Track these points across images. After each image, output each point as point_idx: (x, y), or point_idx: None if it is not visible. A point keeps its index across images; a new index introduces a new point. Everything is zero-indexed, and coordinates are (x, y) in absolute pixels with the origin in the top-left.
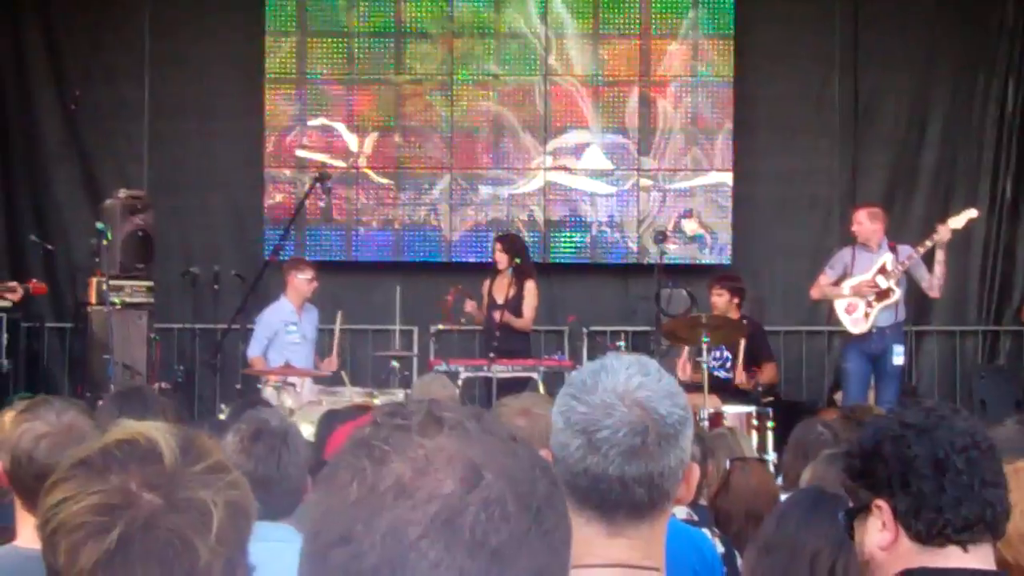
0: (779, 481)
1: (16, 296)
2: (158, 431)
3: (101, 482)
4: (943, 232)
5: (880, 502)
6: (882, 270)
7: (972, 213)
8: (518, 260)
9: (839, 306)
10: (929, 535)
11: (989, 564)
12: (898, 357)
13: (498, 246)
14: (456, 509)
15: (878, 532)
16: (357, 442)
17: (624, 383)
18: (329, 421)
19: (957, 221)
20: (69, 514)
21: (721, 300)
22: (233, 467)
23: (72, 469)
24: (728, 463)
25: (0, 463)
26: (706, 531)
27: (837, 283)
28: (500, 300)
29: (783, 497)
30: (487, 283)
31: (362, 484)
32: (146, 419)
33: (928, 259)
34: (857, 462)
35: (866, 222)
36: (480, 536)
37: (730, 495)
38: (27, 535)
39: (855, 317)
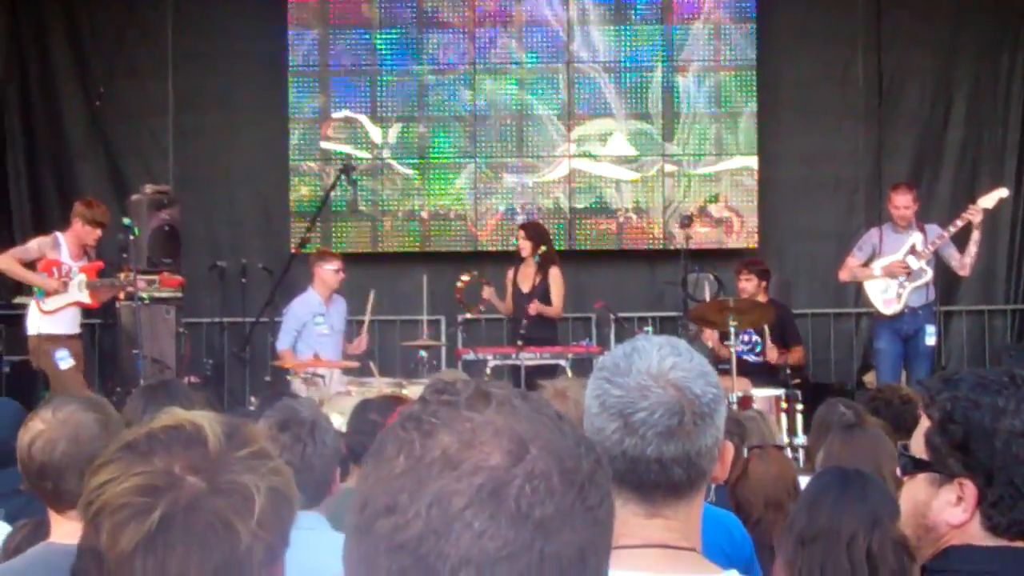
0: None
1: (134, 290)
2: (204, 418)
3: (145, 464)
4: (975, 212)
5: (968, 483)
6: (912, 250)
7: (1003, 192)
8: (544, 248)
9: (870, 287)
10: (1007, 531)
11: None
12: (930, 337)
13: (521, 234)
14: (502, 481)
15: (951, 506)
16: (405, 417)
17: (657, 364)
18: (363, 411)
19: (988, 200)
20: (112, 495)
21: (750, 285)
22: (276, 455)
23: (117, 452)
24: (746, 451)
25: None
26: None
27: (866, 264)
28: (526, 289)
29: (803, 480)
30: (511, 272)
31: (409, 456)
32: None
33: (961, 239)
34: (959, 433)
35: (912, 204)
36: (525, 508)
37: (749, 482)
38: (60, 532)
39: (887, 297)
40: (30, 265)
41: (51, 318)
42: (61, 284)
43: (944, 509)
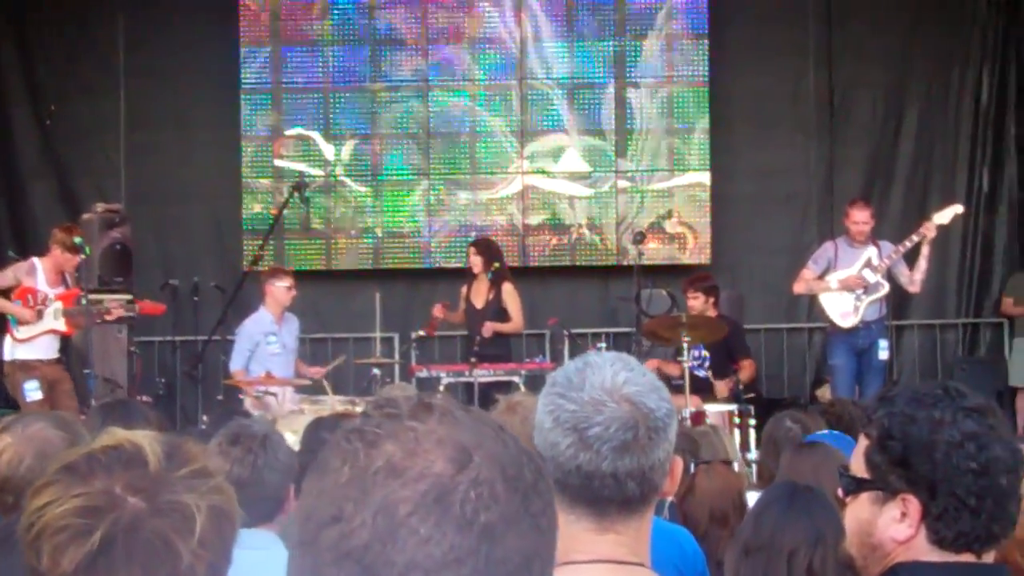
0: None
1: (112, 316)
2: (144, 438)
3: (85, 485)
4: (930, 228)
5: (911, 498)
6: (868, 264)
7: (958, 209)
8: (497, 264)
9: (827, 300)
10: (954, 544)
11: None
12: (883, 351)
13: (472, 250)
14: (446, 487)
15: (895, 523)
16: (348, 430)
17: (611, 379)
18: (316, 429)
19: (943, 216)
20: (52, 516)
21: (697, 302)
22: (218, 473)
23: (57, 474)
24: (693, 466)
25: None
26: None
27: (820, 277)
28: (479, 305)
29: (754, 495)
30: (464, 289)
31: (354, 466)
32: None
33: (911, 255)
34: (898, 448)
35: (870, 220)
36: (470, 514)
37: (695, 497)
38: None
39: (844, 311)
40: (6, 292)
41: (25, 345)
42: (35, 314)
43: (889, 526)
